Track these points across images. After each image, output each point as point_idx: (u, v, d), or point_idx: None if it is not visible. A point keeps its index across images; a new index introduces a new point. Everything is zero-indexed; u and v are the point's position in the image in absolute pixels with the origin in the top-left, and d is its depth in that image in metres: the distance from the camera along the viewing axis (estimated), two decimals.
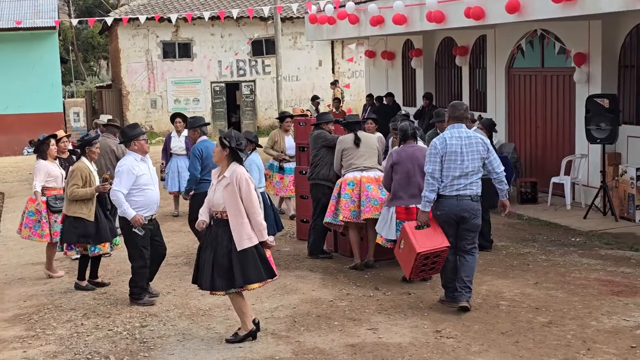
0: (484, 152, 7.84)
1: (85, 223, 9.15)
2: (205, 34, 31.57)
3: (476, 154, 7.80)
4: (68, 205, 9.24)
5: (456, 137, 7.81)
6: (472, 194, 7.81)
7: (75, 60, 48.17)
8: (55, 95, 29.44)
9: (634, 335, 7.00)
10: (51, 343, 7.52)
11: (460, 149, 7.76)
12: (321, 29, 19.48)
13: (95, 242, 9.22)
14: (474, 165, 7.78)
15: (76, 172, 9.24)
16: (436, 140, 7.90)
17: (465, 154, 7.76)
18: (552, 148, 14.89)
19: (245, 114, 32.64)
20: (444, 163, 7.76)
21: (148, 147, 8.72)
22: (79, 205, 9.17)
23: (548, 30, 14.34)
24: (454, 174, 7.75)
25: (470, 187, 7.80)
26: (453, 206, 7.81)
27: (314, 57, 32.95)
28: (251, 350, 6.99)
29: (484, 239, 9.97)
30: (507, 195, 8.09)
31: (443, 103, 18.46)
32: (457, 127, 7.90)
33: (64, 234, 9.30)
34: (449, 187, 7.78)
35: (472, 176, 7.80)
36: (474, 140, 7.84)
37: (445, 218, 7.87)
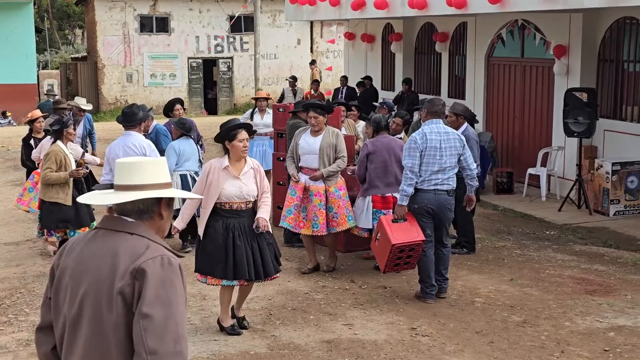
0: (460, 148, 8.00)
1: (63, 208, 9.06)
2: (183, 9, 31.27)
3: (453, 150, 7.95)
4: (44, 190, 9.13)
5: (435, 133, 7.93)
6: (448, 188, 8.00)
7: (50, 29, 47.56)
8: (30, 66, 29.10)
9: (606, 338, 7.05)
10: (24, 330, 7.44)
11: (439, 145, 7.89)
12: (301, 10, 19.34)
13: (75, 226, 9.15)
14: (451, 160, 7.94)
15: (51, 156, 9.12)
16: (416, 135, 7.99)
17: (444, 150, 7.89)
18: (529, 139, 14.94)
19: (222, 91, 32.45)
20: (424, 158, 7.86)
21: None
22: (55, 190, 9.06)
23: (529, 21, 14.34)
24: (433, 168, 7.87)
25: (447, 182, 7.96)
26: (431, 200, 7.94)
27: (293, 35, 32.79)
28: (226, 344, 6.97)
29: (466, 240, 10.02)
30: (474, 191, 8.30)
31: (422, 89, 18.47)
32: (435, 123, 8.03)
33: (43, 220, 9.20)
34: (427, 181, 7.89)
35: (449, 171, 7.97)
36: (451, 137, 8.00)
37: (422, 212, 7.97)
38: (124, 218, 3.14)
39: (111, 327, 2.99)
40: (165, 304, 2.97)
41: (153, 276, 2.98)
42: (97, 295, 3.02)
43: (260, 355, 6.73)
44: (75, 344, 3.08)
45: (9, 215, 12.72)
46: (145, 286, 2.97)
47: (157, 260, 3.02)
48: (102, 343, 3.00)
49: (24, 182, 12.22)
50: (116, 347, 2.99)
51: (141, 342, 2.94)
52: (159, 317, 2.95)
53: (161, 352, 2.92)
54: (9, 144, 21.95)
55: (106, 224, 3.16)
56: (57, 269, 3.20)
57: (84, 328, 3.04)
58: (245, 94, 31.96)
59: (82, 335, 3.05)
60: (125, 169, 3.16)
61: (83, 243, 3.17)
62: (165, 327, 2.95)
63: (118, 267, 2.99)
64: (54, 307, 3.20)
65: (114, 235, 3.09)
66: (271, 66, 32.15)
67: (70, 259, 3.15)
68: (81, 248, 3.15)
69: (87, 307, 3.04)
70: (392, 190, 8.79)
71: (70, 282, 3.11)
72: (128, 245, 3.04)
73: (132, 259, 3.00)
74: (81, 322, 3.05)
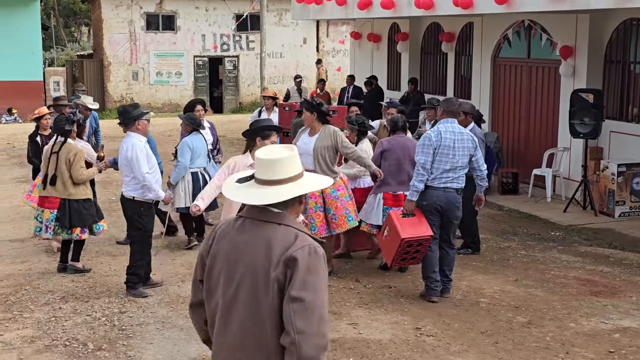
0: (472, 149, 8.09)
1: (91, 203, 9.18)
2: (189, 7, 31.29)
3: (466, 150, 8.05)
4: (75, 189, 9.06)
5: (450, 132, 8.04)
6: (457, 187, 8.09)
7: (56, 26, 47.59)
8: (36, 63, 29.13)
9: (611, 339, 7.05)
10: (28, 327, 7.45)
11: (452, 144, 8.01)
12: (307, 9, 19.34)
13: (99, 219, 9.25)
14: (463, 160, 8.03)
15: (80, 155, 9.15)
16: (431, 133, 8.10)
17: (456, 149, 8.00)
18: (535, 139, 14.92)
19: (227, 90, 32.46)
20: (436, 155, 7.97)
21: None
22: (83, 188, 9.09)
23: (535, 22, 14.32)
24: (445, 167, 7.98)
25: (457, 180, 8.06)
26: (440, 197, 8.04)
27: (299, 34, 32.78)
28: None
29: (471, 240, 10.02)
30: (483, 192, 8.38)
31: (428, 89, 18.46)
32: (450, 122, 8.14)
33: (81, 218, 9.11)
34: (437, 179, 7.99)
35: (460, 171, 8.07)
36: (465, 137, 8.09)
37: (431, 209, 8.05)
38: (270, 209, 3.46)
39: (267, 309, 3.35)
40: (311, 289, 3.32)
41: (302, 264, 3.33)
42: (253, 281, 3.39)
43: None
44: (230, 323, 3.45)
45: (15, 212, 12.74)
46: (295, 272, 3.32)
47: (306, 249, 3.36)
48: (258, 323, 3.37)
49: (29, 179, 12.23)
50: (270, 327, 3.35)
51: (290, 322, 3.29)
52: (307, 301, 3.29)
53: (307, 332, 3.26)
54: (14, 140, 21.98)
55: (254, 214, 3.49)
56: (208, 254, 3.57)
57: (239, 309, 3.41)
58: (250, 93, 31.96)
59: (238, 316, 3.41)
60: (264, 165, 3.51)
61: (233, 231, 3.52)
62: (312, 310, 3.29)
63: (273, 256, 3.36)
64: (207, 289, 3.58)
65: (264, 226, 3.43)
66: (277, 65, 32.15)
67: (222, 246, 3.52)
68: (232, 236, 3.51)
69: (243, 291, 3.40)
70: (404, 189, 8.78)
71: (224, 267, 3.49)
72: (278, 235, 3.40)
73: (284, 248, 3.36)
74: (236, 304, 3.42)
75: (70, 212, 9.02)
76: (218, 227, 3.62)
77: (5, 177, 16.04)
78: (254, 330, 3.38)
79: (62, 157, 9.01)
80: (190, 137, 10.34)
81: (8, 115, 28.38)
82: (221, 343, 3.50)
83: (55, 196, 9.02)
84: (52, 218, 9.06)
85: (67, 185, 9.01)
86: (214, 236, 3.60)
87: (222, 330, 3.48)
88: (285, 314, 3.31)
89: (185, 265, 9.41)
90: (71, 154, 9.02)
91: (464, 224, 9.84)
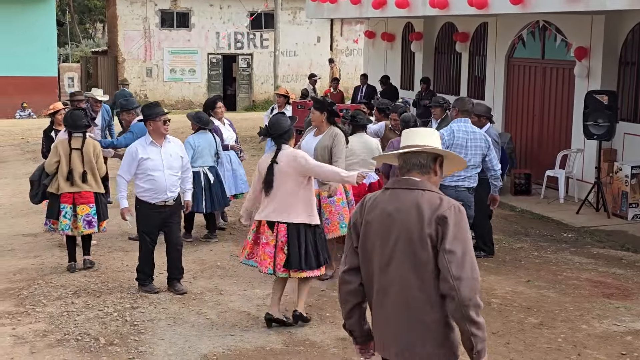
0: (485, 149, 8.16)
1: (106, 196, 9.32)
2: (204, 5, 31.36)
3: (478, 150, 8.13)
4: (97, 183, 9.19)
5: (463, 131, 8.13)
6: (469, 186, 8.17)
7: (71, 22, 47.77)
8: (50, 59, 29.26)
9: (624, 342, 7.02)
10: (41, 321, 7.49)
11: (465, 143, 8.10)
12: (322, 7, 19.34)
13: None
14: (475, 159, 8.11)
15: (100, 150, 9.29)
16: (444, 132, 8.18)
17: (469, 148, 8.10)
18: (548, 141, 14.87)
19: (241, 87, 32.50)
20: None
21: (167, 129, 8.24)
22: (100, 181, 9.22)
23: (550, 22, 14.27)
24: None
25: (468, 179, 8.14)
26: (451, 196, 7.84)
27: (313, 33, 32.79)
28: (242, 340, 6.99)
29: (484, 242, 9.99)
30: (498, 192, 8.47)
31: (441, 89, 18.43)
32: (464, 121, 8.24)
33: (106, 211, 9.23)
34: (448, 177, 7.99)
35: (472, 170, 8.14)
36: (478, 136, 8.18)
37: None
38: (412, 178, 4.02)
39: (423, 261, 3.88)
40: (461, 241, 3.86)
41: (451, 221, 3.87)
42: (409, 240, 3.92)
43: (275, 351, 6.75)
44: (389, 276, 3.98)
45: (28, 207, 12.75)
46: (446, 229, 3.86)
47: (452, 208, 3.92)
48: (417, 273, 3.90)
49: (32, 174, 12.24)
50: (427, 275, 3.89)
51: (447, 270, 3.81)
52: (459, 252, 3.83)
53: (463, 277, 3.79)
54: (28, 136, 22.09)
55: (400, 185, 4.04)
56: (362, 223, 4.09)
57: (398, 265, 3.95)
58: (264, 91, 32.00)
59: (398, 270, 3.95)
60: (411, 133, 4.18)
61: (382, 201, 4.05)
62: (464, 259, 3.83)
63: (424, 216, 3.89)
64: (362, 252, 4.10)
65: (411, 193, 3.97)
66: (290, 63, 32.17)
67: (375, 214, 4.04)
68: (383, 205, 4.03)
69: (400, 249, 3.94)
70: None
71: (379, 231, 4.01)
72: (425, 199, 3.93)
73: (434, 209, 3.90)
74: (394, 261, 3.96)
75: (101, 205, 9.18)
76: (367, 200, 4.13)
77: (19, 172, 16.11)
78: (414, 280, 3.91)
79: (88, 153, 9.07)
80: (194, 135, 10.21)
81: (22, 111, 28.52)
82: (382, 297, 4.02)
83: (89, 190, 9.06)
84: (93, 212, 9.11)
85: (98, 180, 9.14)
86: (364, 208, 4.11)
87: (381, 286, 4.02)
88: (442, 265, 3.83)
89: (197, 262, 9.44)
90: (97, 149, 9.20)
91: (477, 226, 9.83)
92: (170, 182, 8.20)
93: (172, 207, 8.28)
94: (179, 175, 8.32)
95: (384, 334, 4.06)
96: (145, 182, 8.17)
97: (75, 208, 9.03)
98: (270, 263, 7.08)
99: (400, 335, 3.99)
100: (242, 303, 7.99)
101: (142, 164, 8.13)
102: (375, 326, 4.15)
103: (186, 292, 8.25)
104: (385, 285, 4.00)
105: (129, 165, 8.20)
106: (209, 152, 10.19)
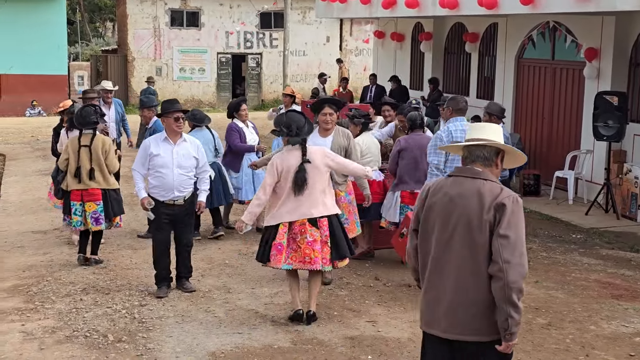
0: None
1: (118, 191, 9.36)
2: (213, 4, 31.40)
3: None
4: (112, 179, 9.26)
5: (460, 130, 8.04)
6: None
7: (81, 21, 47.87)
8: (61, 57, 29.36)
9: (632, 343, 7.00)
10: (50, 318, 7.52)
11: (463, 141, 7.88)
12: (331, 7, 19.34)
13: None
14: None
15: (111, 145, 9.36)
16: (441, 133, 8.15)
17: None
18: (558, 141, 14.84)
19: (250, 87, 32.53)
20: (449, 155, 7.98)
21: (181, 125, 8.18)
22: (114, 177, 9.27)
23: (560, 23, 14.24)
24: (457, 165, 7.85)
25: None
26: None
27: (322, 32, 32.79)
28: (250, 338, 7.00)
29: None
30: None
31: (451, 89, 18.41)
32: (459, 120, 8.22)
33: (119, 207, 9.27)
34: None
35: None
36: None
37: None
38: (476, 169, 4.41)
39: (480, 245, 4.27)
40: (515, 229, 4.21)
41: (509, 208, 4.23)
42: (468, 224, 4.31)
43: (283, 349, 6.75)
44: (446, 257, 4.37)
45: (37, 204, 12.85)
46: (503, 215, 4.22)
47: (511, 198, 4.28)
48: (473, 255, 4.29)
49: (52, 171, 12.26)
50: (482, 258, 4.26)
51: (498, 254, 4.18)
52: (512, 238, 4.18)
53: (512, 262, 4.14)
54: (38, 133, 22.17)
55: (463, 173, 4.44)
56: (424, 206, 4.51)
57: (456, 246, 4.34)
58: (273, 90, 32.02)
59: (455, 251, 4.34)
60: (478, 127, 4.60)
61: (445, 186, 4.45)
62: (515, 245, 4.18)
63: (484, 203, 4.28)
64: (422, 233, 4.53)
65: (473, 181, 4.37)
66: (300, 63, 32.18)
67: (438, 199, 4.44)
68: (446, 190, 4.43)
69: (458, 232, 4.34)
70: (421, 187, 8.76)
71: (440, 213, 4.42)
72: (487, 188, 4.32)
73: (494, 197, 4.28)
74: (452, 243, 4.35)
75: (111, 201, 9.16)
76: (430, 186, 4.55)
77: (29, 170, 16.17)
78: (470, 261, 4.30)
79: (96, 150, 9.10)
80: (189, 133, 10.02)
81: (32, 109, 28.60)
82: (437, 275, 4.42)
83: (96, 187, 9.10)
84: (100, 209, 9.14)
85: (107, 176, 9.16)
86: (426, 193, 4.54)
87: (436, 264, 4.43)
88: (494, 248, 4.20)
89: (205, 260, 9.46)
90: (107, 145, 9.20)
91: None
92: (179, 181, 8.09)
93: (182, 206, 8.18)
94: (189, 176, 8.18)
95: (434, 311, 4.43)
96: (154, 179, 8.16)
97: (84, 205, 9.08)
98: (321, 259, 7.13)
99: (451, 312, 4.35)
100: (250, 301, 8.00)
101: (152, 159, 8.12)
102: (425, 304, 4.51)
103: (194, 290, 8.25)
104: (441, 264, 4.40)
105: (142, 159, 8.19)
106: (208, 148, 10.17)
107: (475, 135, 4.53)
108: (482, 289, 4.26)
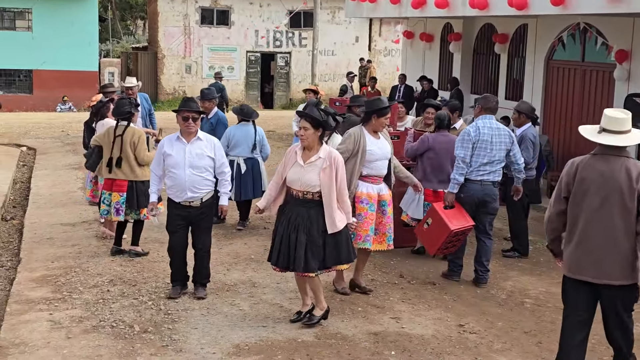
0: (509, 144, 8.54)
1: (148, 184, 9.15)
2: (244, 2, 31.54)
3: (503, 145, 8.48)
4: (141, 171, 9.22)
5: (488, 127, 8.45)
6: (494, 180, 8.53)
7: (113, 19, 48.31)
8: (92, 53, 29.65)
9: None
10: (77, 307, 7.61)
11: (490, 139, 8.42)
12: (361, 7, 19.35)
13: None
14: (500, 154, 8.47)
15: (143, 137, 9.38)
16: (470, 129, 8.50)
17: (494, 144, 8.43)
18: (586, 143, 14.55)
19: (278, 85, 32.63)
20: (475, 150, 8.40)
21: (191, 126, 7.75)
22: (147, 169, 9.03)
23: (591, 24, 14.14)
24: (482, 160, 8.41)
25: (493, 174, 8.50)
26: (477, 190, 8.46)
27: (351, 32, 32.82)
28: (274, 331, 7.04)
29: (519, 243, 9.99)
30: (520, 183, 8.91)
31: (479, 90, 18.35)
32: (488, 118, 8.56)
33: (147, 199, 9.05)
34: (475, 172, 8.42)
35: (497, 165, 8.50)
36: (502, 132, 8.51)
37: (468, 200, 8.49)
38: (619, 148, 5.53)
39: (629, 209, 5.47)
40: None
41: None
42: (620, 192, 5.45)
43: (307, 343, 6.79)
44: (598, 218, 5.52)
45: (67, 197, 12.99)
46: None
47: None
48: (622, 217, 5.48)
49: (82, 165, 12.37)
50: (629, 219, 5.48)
51: None
52: None
53: None
54: (68, 128, 22.38)
55: (608, 151, 5.56)
56: (575, 179, 5.61)
57: (607, 209, 5.50)
58: (301, 89, 32.09)
59: (606, 213, 5.50)
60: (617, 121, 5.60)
61: (595, 163, 5.57)
62: None
63: (632, 175, 5.44)
64: (573, 199, 5.64)
65: (619, 159, 5.52)
66: (328, 62, 32.23)
67: (588, 172, 5.56)
68: (596, 166, 5.56)
69: (610, 199, 5.48)
70: (444, 187, 8.99)
71: (591, 185, 5.53)
72: (632, 163, 5.50)
73: (639, 170, 5.45)
74: (603, 207, 5.50)
75: (137, 193, 9.20)
76: (578, 163, 5.66)
77: (59, 164, 16.34)
78: (619, 221, 5.48)
79: (126, 140, 9.20)
80: (233, 126, 10.69)
81: (63, 104, 28.89)
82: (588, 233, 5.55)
83: (123, 179, 9.19)
84: (122, 200, 9.21)
85: (134, 167, 9.21)
86: (576, 168, 5.64)
87: (589, 225, 5.55)
88: None
89: (231, 255, 9.52)
90: (135, 137, 9.24)
91: (513, 228, 9.92)
92: (192, 182, 7.74)
93: (198, 208, 7.84)
94: (203, 176, 7.79)
95: (585, 261, 5.57)
96: (168, 179, 7.88)
97: (112, 195, 9.20)
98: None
99: (601, 261, 5.51)
100: (275, 295, 8.05)
101: (165, 159, 7.86)
102: (575, 255, 5.62)
103: (204, 299, 7.92)
104: (594, 224, 5.52)
105: (157, 159, 7.95)
106: (246, 143, 10.48)
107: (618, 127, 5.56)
108: (627, 241, 5.45)
